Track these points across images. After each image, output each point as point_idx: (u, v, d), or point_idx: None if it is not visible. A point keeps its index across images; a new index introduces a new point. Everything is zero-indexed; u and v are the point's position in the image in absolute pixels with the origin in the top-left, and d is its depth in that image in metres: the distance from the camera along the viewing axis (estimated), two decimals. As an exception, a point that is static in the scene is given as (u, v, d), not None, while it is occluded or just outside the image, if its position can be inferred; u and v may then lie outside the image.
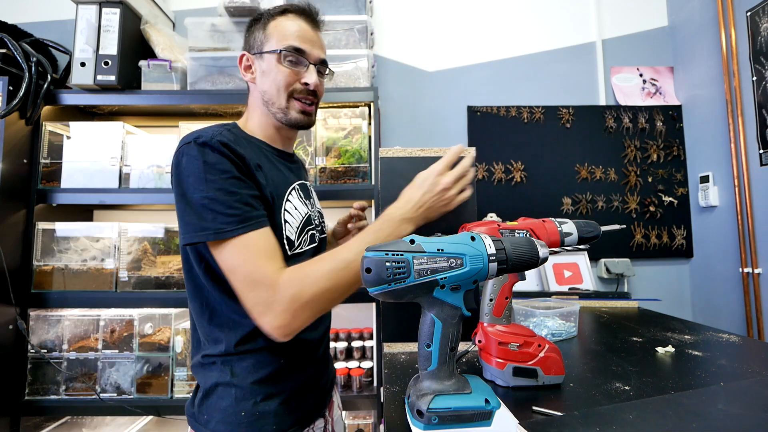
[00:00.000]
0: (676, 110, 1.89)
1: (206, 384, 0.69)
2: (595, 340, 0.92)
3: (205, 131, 0.66)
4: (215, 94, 1.47)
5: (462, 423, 0.48)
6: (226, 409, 0.67)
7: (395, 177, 0.92)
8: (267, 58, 0.75)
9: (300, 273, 0.61)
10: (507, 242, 0.50)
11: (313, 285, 0.60)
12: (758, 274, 1.52)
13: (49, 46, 1.58)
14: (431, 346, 0.50)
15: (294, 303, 0.59)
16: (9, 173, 1.33)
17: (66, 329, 1.40)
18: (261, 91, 0.77)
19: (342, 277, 0.62)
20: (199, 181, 0.61)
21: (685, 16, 1.87)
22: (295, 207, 0.75)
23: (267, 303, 0.59)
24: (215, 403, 0.68)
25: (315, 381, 0.77)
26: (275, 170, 0.75)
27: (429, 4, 1.95)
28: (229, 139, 0.66)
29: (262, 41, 0.76)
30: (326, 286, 0.61)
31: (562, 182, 1.86)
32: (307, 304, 0.60)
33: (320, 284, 0.60)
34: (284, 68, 0.75)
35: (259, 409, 0.67)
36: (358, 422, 1.56)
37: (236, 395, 0.67)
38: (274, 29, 0.76)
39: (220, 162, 0.63)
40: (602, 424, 0.45)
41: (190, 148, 0.64)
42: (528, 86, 1.92)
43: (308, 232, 0.78)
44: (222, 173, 0.62)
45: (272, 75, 0.75)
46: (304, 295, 0.59)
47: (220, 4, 1.49)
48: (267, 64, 0.75)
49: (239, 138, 0.70)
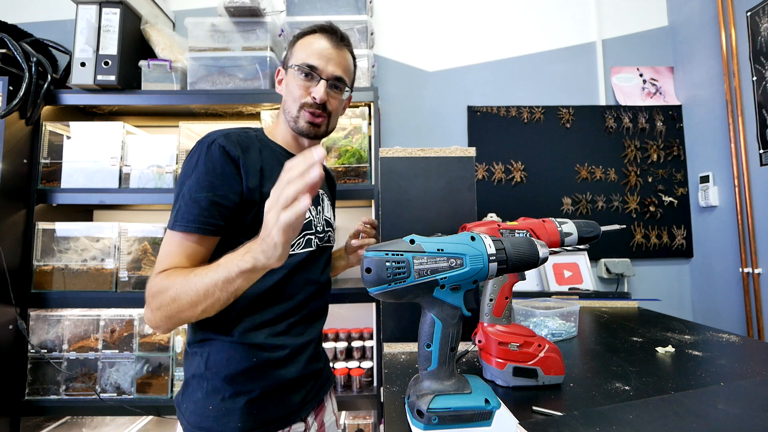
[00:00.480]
0: (676, 110, 1.89)
1: (187, 374, 0.74)
2: (595, 340, 0.92)
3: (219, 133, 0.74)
4: (215, 94, 1.47)
5: (462, 423, 0.48)
6: (198, 401, 0.70)
7: (395, 177, 0.92)
8: (289, 71, 0.83)
9: (160, 278, 0.64)
10: (507, 242, 0.50)
11: (162, 291, 0.63)
12: (758, 274, 1.52)
13: (49, 46, 1.58)
14: (431, 346, 0.50)
15: (151, 302, 0.64)
16: (9, 173, 1.33)
17: (66, 329, 1.40)
18: (283, 100, 0.85)
19: (186, 292, 0.60)
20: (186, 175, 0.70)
21: (685, 16, 1.87)
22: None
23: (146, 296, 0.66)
24: (191, 394, 0.71)
25: (294, 386, 0.76)
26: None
27: (429, 4, 1.95)
28: (231, 142, 0.72)
29: (288, 57, 0.85)
30: (172, 296, 0.62)
31: (562, 182, 1.86)
32: (158, 308, 0.63)
33: (168, 293, 0.62)
34: (298, 81, 0.81)
35: (226, 406, 0.69)
36: (358, 422, 1.56)
37: (207, 388, 0.70)
38: (299, 46, 0.83)
39: (207, 165, 0.70)
40: (602, 424, 0.45)
41: (197, 146, 0.72)
42: (528, 86, 1.92)
43: (305, 236, 0.79)
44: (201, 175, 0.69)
45: (289, 86, 0.82)
46: (156, 299, 0.63)
47: (220, 4, 1.49)
48: (288, 77, 0.84)
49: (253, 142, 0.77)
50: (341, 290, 1.40)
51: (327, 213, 0.90)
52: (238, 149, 0.73)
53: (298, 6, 1.60)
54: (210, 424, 0.68)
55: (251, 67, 1.50)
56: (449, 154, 0.92)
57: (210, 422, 0.68)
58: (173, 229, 0.68)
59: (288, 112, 0.82)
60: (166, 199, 1.44)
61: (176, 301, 0.61)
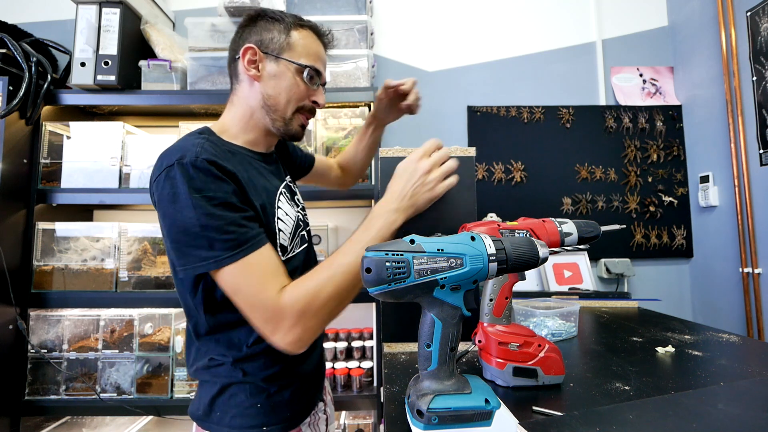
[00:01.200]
0: (676, 110, 1.89)
1: (216, 384, 0.70)
2: (595, 340, 0.92)
3: (186, 148, 0.62)
4: (215, 94, 1.47)
5: (462, 423, 0.48)
6: (241, 403, 0.69)
7: (395, 177, 0.92)
8: (284, 64, 0.73)
9: (302, 288, 0.61)
10: (507, 242, 0.50)
11: (316, 296, 0.61)
12: (758, 274, 1.52)
13: (49, 46, 1.58)
14: (431, 346, 0.50)
15: (302, 318, 0.60)
16: (9, 173, 1.33)
17: (66, 329, 1.40)
18: (265, 94, 0.73)
19: (343, 282, 0.62)
20: (187, 209, 0.58)
21: (685, 16, 1.87)
22: (286, 213, 0.75)
23: (274, 323, 0.60)
24: (228, 400, 0.69)
25: (317, 369, 0.82)
26: (262, 178, 0.74)
27: (429, 4, 1.95)
28: (214, 154, 0.62)
29: (282, 46, 0.73)
30: (329, 293, 0.61)
31: (562, 182, 1.86)
32: (315, 316, 0.61)
33: (323, 293, 0.61)
34: (302, 83, 0.75)
35: (274, 400, 0.70)
36: (358, 422, 1.56)
37: (250, 391, 0.69)
38: (298, 41, 0.74)
39: (206, 185, 0.59)
40: (602, 424, 0.45)
41: (172, 171, 0.59)
42: (528, 86, 1.92)
43: (299, 234, 0.79)
44: (210, 199, 0.59)
45: (285, 84, 0.73)
46: (311, 308, 0.60)
47: (220, 4, 1.49)
48: (282, 70, 0.73)
49: (222, 150, 0.67)
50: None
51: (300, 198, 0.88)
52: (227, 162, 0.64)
53: (298, 6, 1.60)
54: (262, 419, 0.69)
55: (251, 67, 1.50)
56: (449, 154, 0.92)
57: (262, 418, 0.69)
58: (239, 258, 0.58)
59: (275, 111, 0.74)
60: (166, 199, 1.43)
61: (337, 293, 0.61)
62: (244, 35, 0.75)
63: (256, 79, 0.73)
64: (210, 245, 0.58)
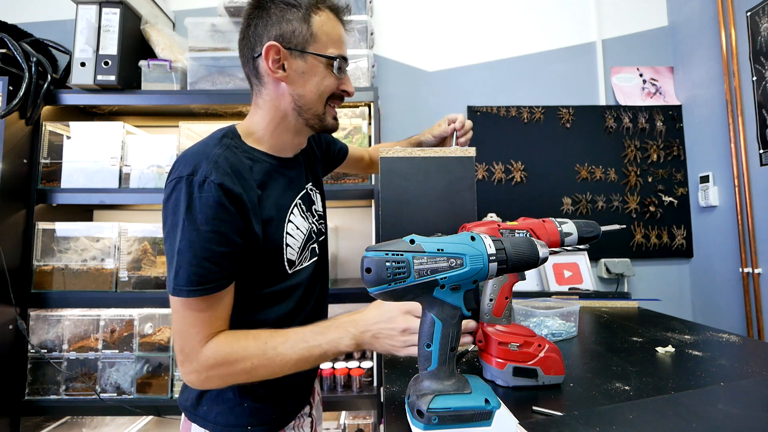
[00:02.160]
0: (676, 110, 1.89)
1: None
2: (595, 340, 0.92)
3: (200, 162, 0.60)
4: (215, 94, 1.47)
5: (462, 423, 0.48)
6: (228, 401, 0.70)
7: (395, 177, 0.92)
8: (312, 59, 0.67)
9: (226, 348, 0.60)
10: (507, 242, 0.50)
11: (233, 363, 0.60)
12: (758, 274, 1.52)
13: (49, 46, 1.58)
14: (431, 346, 0.50)
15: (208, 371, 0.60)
16: (9, 173, 1.33)
17: (66, 329, 1.40)
18: (295, 94, 0.68)
19: (264, 367, 0.61)
20: (177, 227, 0.58)
21: (685, 16, 1.87)
22: (297, 227, 0.74)
23: (184, 358, 0.60)
24: (216, 396, 0.70)
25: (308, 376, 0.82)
26: (280, 189, 0.72)
27: (429, 4, 1.95)
28: (225, 172, 0.60)
29: (306, 38, 0.66)
30: (246, 368, 0.60)
31: (562, 182, 1.86)
32: (221, 377, 0.61)
33: (240, 365, 0.60)
34: (333, 76, 0.69)
35: (261, 402, 0.71)
36: (358, 422, 1.56)
37: (238, 390, 0.70)
38: (321, 28, 0.67)
39: (203, 213, 0.58)
40: (602, 424, 0.45)
41: (180, 184, 0.59)
42: (528, 86, 1.92)
43: (309, 247, 0.77)
44: (200, 226, 0.58)
45: (316, 80, 0.68)
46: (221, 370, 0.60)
47: (220, 4, 1.49)
48: (310, 66, 0.67)
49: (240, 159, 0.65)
50: (341, 290, 1.40)
51: (319, 205, 0.86)
52: (237, 184, 0.61)
53: (298, 6, 1.59)
54: (246, 420, 0.70)
55: (251, 67, 1.50)
56: (449, 154, 0.92)
57: (246, 418, 0.70)
58: (189, 296, 0.58)
59: (308, 109, 0.70)
60: (166, 199, 1.43)
61: (252, 372, 0.60)
62: (258, 29, 0.67)
63: (283, 80, 0.68)
64: (176, 271, 0.58)
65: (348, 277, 1.73)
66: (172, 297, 0.60)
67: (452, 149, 0.93)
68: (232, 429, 0.69)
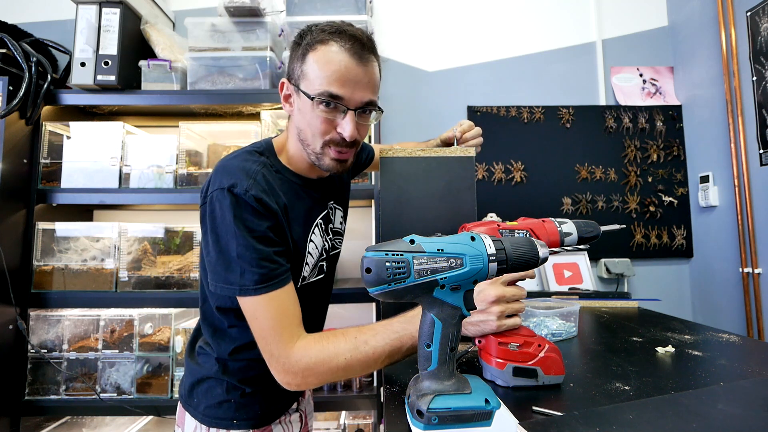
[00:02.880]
0: (676, 110, 1.89)
1: (199, 374, 0.75)
2: (595, 340, 0.92)
3: (239, 176, 0.64)
4: (215, 94, 1.47)
5: (462, 423, 0.48)
6: (217, 396, 0.74)
7: (395, 177, 0.92)
8: (303, 96, 0.67)
9: (318, 348, 0.62)
10: (507, 242, 0.50)
11: (328, 362, 0.61)
12: (758, 274, 1.52)
13: (49, 46, 1.58)
14: (431, 346, 0.50)
15: (305, 373, 0.62)
16: (9, 173, 1.33)
17: (66, 329, 1.40)
18: (298, 128, 0.71)
19: (359, 361, 0.62)
20: (229, 234, 0.62)
21: (685, 16, 1.87)
22: (316, 246, 0.77)
23: (280, 363, 0.62)
24: (206, 391, 0.74)
25: None
26: (304, 208, 0.75)
27: (429, 4, 1.95)
28: (263, 190, 0.65)
29: (299, 76, 0.68)
30: (340, 365, 0.62)
31: (562, 182, 1.86)
32: (318, 376, 0.62)
33: (335, 362, 0.61)
34: (320, 114, 0.66)
35: (248, 399, 0.74)
36: (358, 422, 1.56)
37: (227, 387, 0.73)
38: (312, 65, 0.66)
39: (251, 219, 0.63)
40: (602, 424, 0.45)
41: (223, 196, 0.63)
42: (528, 86, 1.92)
43: (318, 265, 0.80)
44: (251, 231, 0.63)
45: (307, 118, 0.68)
46: (317, 370, 0.61)
47: (220, 4, 1.49)
48: (303, 103, 0.68)
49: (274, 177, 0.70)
50: (341, 290, 1.40)
51: (338, 225, 0.90)
52: (272, 201, 0.65)
53: (298, 6, 1.60)
54: (232, 414, 0.73)
55: (251, 67, 1.50)
56: (449, 154, 0.92)
57: (232, 413, 0.73)
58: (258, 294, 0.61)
59: (308, 145, 0.70)
60: (166, 199, 1.44)
61: (347, 368, 0.62)
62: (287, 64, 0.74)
63: (291, 113, 0.73)
64: (241, 274, 0.62)
65: (348, 277, 1.73)
66: (246, 300, 0.63)
67: (452, 149, 0.93)
68: (218, 422, 0.73)
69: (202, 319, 0.77)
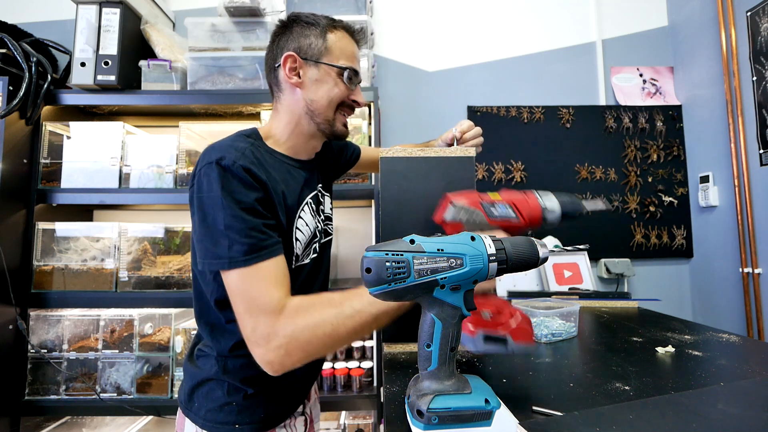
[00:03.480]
0: (676, 110, 1.89)
1: (198, 376, 0.74)
2: (595, 340, 0.92)
3: (227, 151, 0.65)
4: (215, 94, 1.47)
5: (462, 423, 0.48)
6: (218, 399, 0.72)
7: (395, 177, 0.92)
8: (324, 69, 0.75)
9: (303, 315, 0.60)
10: (507, 242, 0.50)
11: (313, 328, 0.60)
12: (758, 274, 1.52)
13: (49, 46, 1.58)
14: (431, 346, 0.50)
15: (291, 342, 0.59)
16: (9, 173, 1.33)
17: (66, 329, 1.40)
18: (308, 99, 0.75)
19: (345, 326, 0.61)
20: (216, 207, 0.62)
21: (685, 16, 1.87)
22: (306, 223, 0.77)
23: (264, 334, 0.59)
24: (207, 393, 0.72)
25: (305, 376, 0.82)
26: (294, 187, 0.76)
27: (429, 4, 1.95)
28: (252, 162, 0.66)
29: (321, 51, 0.75)
30: (326, 331, 0.60)
31: (562, 182, 1.86)
32: (304, 345, 0.60)
33: (320, 329, 0.60)
34: (342, 84, 0.76)
35: (250, 400, 0.72)
36: (358, 422, 1.56)
37: (228, 389, 0.72)
38: (335, 43, 0.76)
39: (239, 189, 0.63)
40: (602, 424, 0.45)
41: (210, 169, 0.63)
42: (528, 86, 1.92)
43: (312, 245, 0.80)
44: (239, 202, 0.62)
45: (326, 87, 0.75)
46: (303, 335, 0.59)
47: (220, 4, 1.49)
48: (323, 74, 0.75)
49: (263, 155, 0.71)
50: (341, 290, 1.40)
51: (328, 206, 0.90)
52: (261, 172, 0.66)
53: (298, 6, 1.60)
54: (234, 418, 0.71)
55: (251, 67, 1.50)
56: (449, 154, 0.92)
57: (234, 416, 0.71)
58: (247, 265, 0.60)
59: (319, 114, 0.76)
60: (166, 199, 1.44)
61: (334, 335, 0.60)
62: (280, 43, 0.76)
63: (298, 86, 0.75)
64: (229, 246, 0.61)
65: (348, 277, 1.73)
66: (231, 273, 0.61)
67: (452, 149, 0.93)
68: (220, 426, 0.71)
69: (198, 318, 0.76)
